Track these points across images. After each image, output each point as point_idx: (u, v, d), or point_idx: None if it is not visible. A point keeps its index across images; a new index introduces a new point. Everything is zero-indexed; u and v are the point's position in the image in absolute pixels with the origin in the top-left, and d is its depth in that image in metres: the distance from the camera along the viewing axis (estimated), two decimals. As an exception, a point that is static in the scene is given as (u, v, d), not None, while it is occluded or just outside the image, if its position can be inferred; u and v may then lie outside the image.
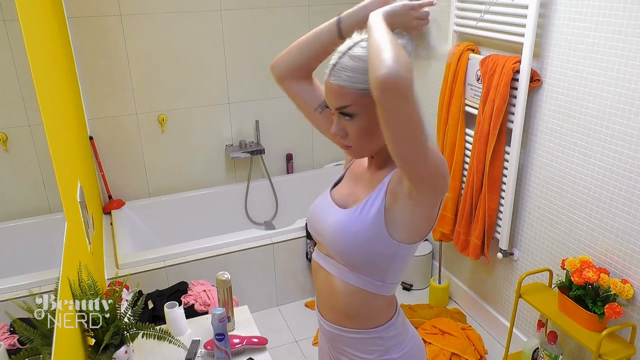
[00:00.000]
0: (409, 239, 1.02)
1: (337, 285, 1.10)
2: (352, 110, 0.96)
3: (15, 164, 1.18)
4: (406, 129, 0.83)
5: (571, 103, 1.99)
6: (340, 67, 0.94)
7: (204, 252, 2.69)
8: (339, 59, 0.95)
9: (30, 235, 1.20)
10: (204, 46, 3.10)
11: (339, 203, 1.12)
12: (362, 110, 0.96)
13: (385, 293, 1.09)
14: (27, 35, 1.29)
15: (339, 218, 1.06)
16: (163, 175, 3.25)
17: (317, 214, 1.15)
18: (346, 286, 1.08)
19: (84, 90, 2.90)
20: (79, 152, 2.26)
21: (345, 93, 0.95)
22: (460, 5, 2.43)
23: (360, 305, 1.09)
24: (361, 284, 1.06)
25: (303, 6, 3.24)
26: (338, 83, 0.95)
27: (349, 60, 0.94)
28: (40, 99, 1.32)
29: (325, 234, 1.09)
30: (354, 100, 0.95)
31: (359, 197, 1.08)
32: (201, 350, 1.57)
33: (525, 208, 2.32)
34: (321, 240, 1.13)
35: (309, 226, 1.19)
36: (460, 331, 2.57)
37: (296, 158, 3.58)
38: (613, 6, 1.76)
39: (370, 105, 0.92)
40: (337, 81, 0.95)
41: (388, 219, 1.00)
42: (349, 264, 1.06)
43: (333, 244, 1.06)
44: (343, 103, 0.96)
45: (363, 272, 1.05)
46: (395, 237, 1.01)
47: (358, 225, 1.02)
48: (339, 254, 1.06)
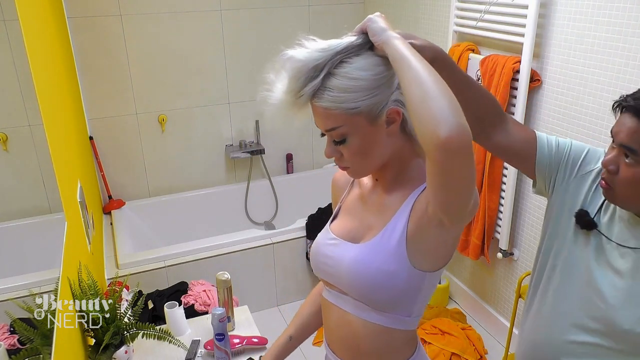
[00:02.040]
0: (433, 266, 0.93)
1: (355, 324, 0.99)
2: (343, 132, 0.86)
3: (15, 164, 1.19)
4: (463, 185, 0.75)
5: (571, 103, 1.99)
6: (326, 87, 0.84)
7: (204, 252, 2.69)
8: (321, 78, 0.84)
9: (30, 235, 1.20)
10: (204, 46, 3.10)
11: (346, 238, 0.99)
12: (354, 130, 0.86)
13: (411, 327, 0.99)
14: (27, 35, 1.29)
15: (356, 254, 0.94)
16: (163, 175, 3.25)
17: (325, 253, 1.01)
18: (367, 324, 0.97)
19: (84, 90, 2.90)
20: (79, 152, 2.26)
21: (331, 115, 0.85)
22: (460, 5, 2.43)
23: (382, 343, 0.98)
24: (385, 322, 0.96)
25: (303, 6, 3.24)
26: (322, 105, 0.85)
27: (332, 79, 0.83)
28: (40, 99, 1.32)
29: (340, 274, 0.97)
30: (342, 121, 0.85)
31: (374, 225, 0.96)
32: (201, 350, 1.57)
33: (525, 208, 2.32)
34: (335, 282, 1.00)
35: (314, 268, 1.06)
36: (460, 331, 2.57)
37: (296, 158, 3.58)
38: (613, 6, 1.76)
39: (362, 125, 0.85)
40: (320, 103, 0.85)
41: (410, 249, 0.90)
42: (371, 302, 0.95)
43: (352, 284, 0.95)
44: (331, 125, 0.86)
45: (388, 309, 0.95)
46: (420, 267, 0.91)
47: (380, 259, 0.91)
48: (360, 294, 0.95)
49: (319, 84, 0.84)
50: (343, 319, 1.01)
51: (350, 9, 3.32)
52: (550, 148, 1.09)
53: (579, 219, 1.06)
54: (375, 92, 0.84)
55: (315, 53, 0.83)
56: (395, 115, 0.86)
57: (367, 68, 0.83)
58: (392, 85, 0.85)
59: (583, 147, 1.09)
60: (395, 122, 0.87)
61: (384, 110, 0.85)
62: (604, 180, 0.99)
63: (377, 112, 0.85)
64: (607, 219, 1.04)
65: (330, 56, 0.83)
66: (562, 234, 1.10)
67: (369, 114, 0.85)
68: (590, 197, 1.07)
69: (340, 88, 0.83)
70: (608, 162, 0.96)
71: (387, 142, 0.89)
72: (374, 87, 0.84)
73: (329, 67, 0.84)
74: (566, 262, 1.10)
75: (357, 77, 0.83)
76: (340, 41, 0.85)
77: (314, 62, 0.83)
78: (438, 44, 0.91)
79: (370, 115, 0.85)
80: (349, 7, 3.32)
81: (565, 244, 1.09)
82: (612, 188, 0.97)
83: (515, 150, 1.10)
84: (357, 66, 0.83)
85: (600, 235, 1.04)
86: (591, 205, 1.06)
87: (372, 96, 0.84)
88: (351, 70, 0.83)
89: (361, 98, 0.83)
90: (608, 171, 0.97)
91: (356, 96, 0.83)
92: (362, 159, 0.90)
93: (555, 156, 1.09)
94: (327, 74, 0.84)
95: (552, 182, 1.11)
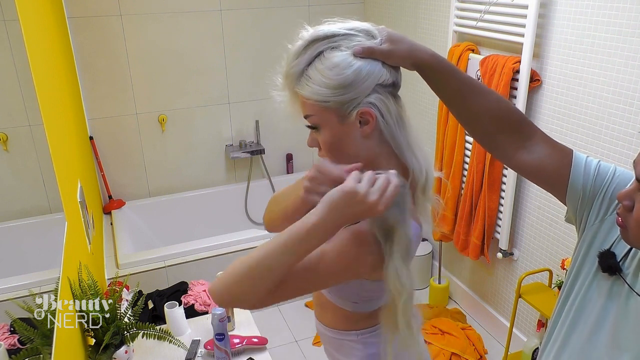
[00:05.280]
0: (371, 278, 0.93)
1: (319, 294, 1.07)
2: (314, 121, 0.89)
3: (15, 164, 1.19)
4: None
5: (571, 103, 1.99)
6: (305, 76, 0.86)
7: (204, 252, 2.69)
8: (306, 66, 0.86)
9: (30, 235, 1.20)
10: (204, 46, 3.10)
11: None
12: (325, 123, 0.88)
13: (362, 310, 1.02)
14: (27, 35, 1.29)
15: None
16: (163, 175, 3.25)
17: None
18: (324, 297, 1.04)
19: (84, 90, 2.90)
20: (79, 152, 2.26)
21: (306, 103, 0.88)
22: (460, 5, 2.43)
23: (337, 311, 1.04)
24: (336, 302, 1.01)
25: (303, 6, 3.24)
26: (299, 91, 0.88)
27: (311, 69, 0.86)
28: (40, 99, 1.32)
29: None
30: (314, 111, 0.88)
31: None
32: (201, 350, 1.57)
33: (525, 208, 2.32)
34: None
35: None
36: (460, 331, 2.57)
37: (296, 158, 3.58)
38: (613, 6, 1.76)
39: (332, 120, 0.87)
40: (299, 90, 0.88)
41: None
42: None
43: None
44: (305, 112, 0.90)
45: (336, 293, 1.00)
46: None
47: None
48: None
49: (299, 70, 0.86)
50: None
51: (350, 9, 3.32)
52: (587, 173, 0.90)
53: (603, 259, 0.89)
54: (344, 91, 0.84)
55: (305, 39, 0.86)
56: (367, 116, 0.86)
57: (340, 66, 0.83)
58: (366, 86, 0.85)
59: (629, 176, 0.88)
60: (369, 124, 0.87)
61: (354, 110, 0.85)
62: (619, 215, 0.82)
63: (347, 111, 0.86)
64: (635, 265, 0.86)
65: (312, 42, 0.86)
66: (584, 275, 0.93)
67: (338, 112, 0.86)
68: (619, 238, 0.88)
69: (315, 81, 0.85)
70: (623, 197, 0.80)
71: (361, 143, 0.89)
72: (344, 87, 0.84)
73: (310, 54, 0.85)
74: (578, 306, 0.94)
75: (327, 74, 0.84)
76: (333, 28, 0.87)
77: (299, 48, 0.86)
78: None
79: (339, 113, 0.86)
80: (349, 7, 3.32)
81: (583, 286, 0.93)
82: (627, 227, 0.81)
83: (545, 173, 0.94)
84: (331, 63, 0.84)
85: (623, 283, 0.87)
86: (617, 248, 0.88)
87: (340, 94, 0.84)
88: (326, 66, 0.84)
89: (330, 95, 0.84)
90: (623, 206, 0.80)
91: (326, 92, 0.84)
92: (335, 155, 0.91)
93: (592, 186, 0.90)
94: (310, 63, 0.86)
95: (583, 218, 0.93)
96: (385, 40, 0.86)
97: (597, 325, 0.90)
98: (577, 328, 0.93)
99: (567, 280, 0.97)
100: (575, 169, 0.91)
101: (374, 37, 0.87)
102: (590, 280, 0.91)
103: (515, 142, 0.93)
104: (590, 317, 0.91)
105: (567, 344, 0.95)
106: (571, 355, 0.93)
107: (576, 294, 0.94)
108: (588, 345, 0.91)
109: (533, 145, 0.93)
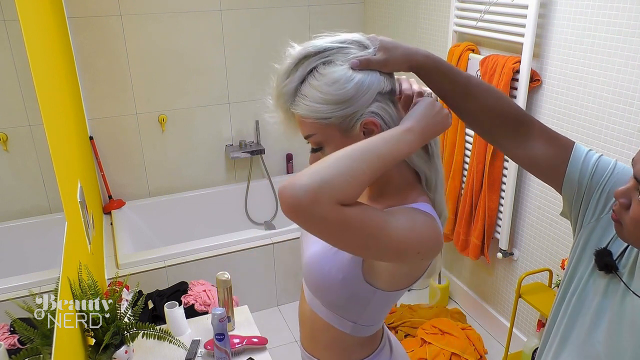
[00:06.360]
0: (389, 286, 0.91)
1: (312, 315, 1.02)
2: (317, 140, 0.87)
3: (15, 164, 1.19)
4: (350, 240, 0.74)
5: (571, 103, 1.99)
6: (300, 95, 0.84)
7: (204, 252, 2.69)
8: (299, 84, 0.84)
9: (30, 235, 1.20)
10: (204, 46, 3.10)
11: None
12: (328, 139, 0.86)
13: (359, 334, 0.99)
14: (27, 35, 1.29)
15: (317, 250, 0.96)
16: (163, 175, 3.25)
17: (303, 239, 1.04)
18: (318, 318, 1.00)
19: (84, 90, 2.90)
20: (79, 152, 2.26)
21: (306, 122, 0.86)
22: (460, 5, 2.43)
23: (332, 339, 1.00)
24: (332, 321, 0.98)
25: (303, 6, 3.24)
26: (296, 112, 0.86)
27: (306, 87, 0.84)
28: (40, 99, 1.32)
29: (303, 263, 1.00)
30: (316, 130, 0.86)
31: None
32: (201, 350, 1.57)
33: (525, 208, 2.32)
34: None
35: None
36: (460, 331, 2.57)
37: (296, 158, 3.58)
38: (613, 6, 1.76)
39: (335, 135, 0.85)
40: (295, 110, 0.86)
41: (366, 264, 0.90)
42: (320, 298, 0.97)
43: (306, 276, 0.99)
44: (306, 132, 0.87)
45: (334, 309, 0.96)
46: (371, 282, 0.91)
47: (334, 263, 0.92)
48: (311, 287, 0.98)
49: (292, 89, 0.85)
50: (304, 306, 1.05)
51: (350, 9, 3.32)
52: (585, 169, 0.91)
53: (599, 257, 0.89)
54: (345, 105, 0.82)
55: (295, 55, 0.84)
56: (371, 125, 0.84)
57: (341, 81, 0.82)
58: (367, 98, 0.83)
59: (628, 172, 0.87)
60: (373, 133, 0.85)
61: (358, 121, 0.84)
62: (614, 212, 0.82)
63: (351, 124, 0.84)
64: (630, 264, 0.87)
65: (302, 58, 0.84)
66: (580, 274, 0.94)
67: (341, 126, 0.84)
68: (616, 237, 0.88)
69: (313, 98, 0.83)
70: (620, 194, 0.81)
71: None
72: (345, 101, 0.82)
73: (302, 71, 0.84)
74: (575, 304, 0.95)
75: (327, 90, 0.82)
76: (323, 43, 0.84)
77: (289, 66, 0.84)
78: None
79: (342, 127, 0.85)
80: (349, 7, 3.32)
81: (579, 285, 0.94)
82: (622, 224, 0.82)
83: (542, 167, 0.95)
84: (331, 79, 0.82)
85: (619, 281, 0.87)
86: (614, 246, 0.89)
87: (342, 109, 0.83)
88: (323, 82, 0.82)
89: (331, 110, 0.83)
90: (620, 204, 0.81)
91: (327, 108, 0.83)
92: None
93: (588, 181, 0.90)
94: (303, 81, 0.84)
95: (579, 214, 0.93)
96: (379, 49, 0.84)
97: (594, 323, 0.90)
98: (575, 326, 0.94)
99: (564, 279, 0.98)
100: (573, 163, 0.92)
101: (367, 47, 0.85)
102: (586, 279, 0.92)
103: (514, 138, 0.95)
104: (588, 315, 0.91)
105: (565, 341, 0.95)
106: (570, 353, 0.94)
107: (573, 292, 0.95)
108: (586, 343, 0.91)
109: (531, 140, 0.95)
